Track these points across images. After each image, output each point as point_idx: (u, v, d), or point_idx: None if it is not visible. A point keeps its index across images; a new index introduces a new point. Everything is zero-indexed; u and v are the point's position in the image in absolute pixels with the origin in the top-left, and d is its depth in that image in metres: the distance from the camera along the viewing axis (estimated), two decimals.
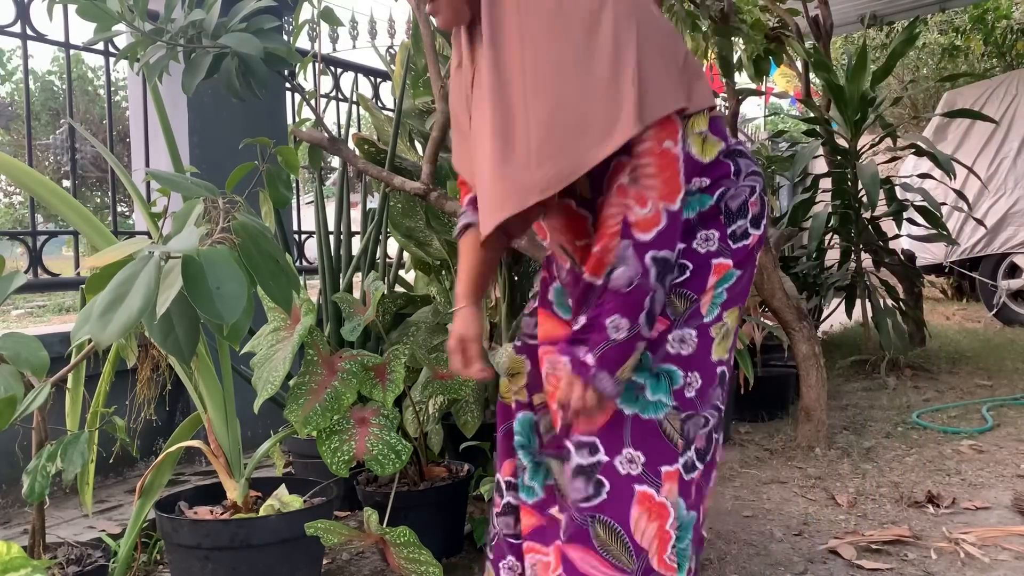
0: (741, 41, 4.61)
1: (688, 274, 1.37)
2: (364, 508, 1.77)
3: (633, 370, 1.31)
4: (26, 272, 2.57)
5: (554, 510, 1.47)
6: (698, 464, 1.34)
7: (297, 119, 2.80)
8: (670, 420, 1.31)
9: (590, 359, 1.27)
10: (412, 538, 1.75)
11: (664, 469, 1.31)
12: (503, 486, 1.56)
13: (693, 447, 1.33)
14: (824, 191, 4.75)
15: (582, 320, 1.31)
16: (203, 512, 1.91)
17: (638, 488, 1.31)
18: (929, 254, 6.91)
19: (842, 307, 4.84)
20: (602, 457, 1.32)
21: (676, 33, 1.38)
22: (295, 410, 1.93)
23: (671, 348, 1.34)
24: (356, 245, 2.64)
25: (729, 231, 1.39)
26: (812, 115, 5.01)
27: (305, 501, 1.94)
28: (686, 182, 1.33)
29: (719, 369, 1.38)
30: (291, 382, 2.06)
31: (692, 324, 1.36)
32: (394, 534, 1.75)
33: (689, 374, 1.34)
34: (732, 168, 1.41)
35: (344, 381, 1.96)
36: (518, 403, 1.54)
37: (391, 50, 4.03)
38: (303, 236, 3.71)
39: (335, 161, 2.96)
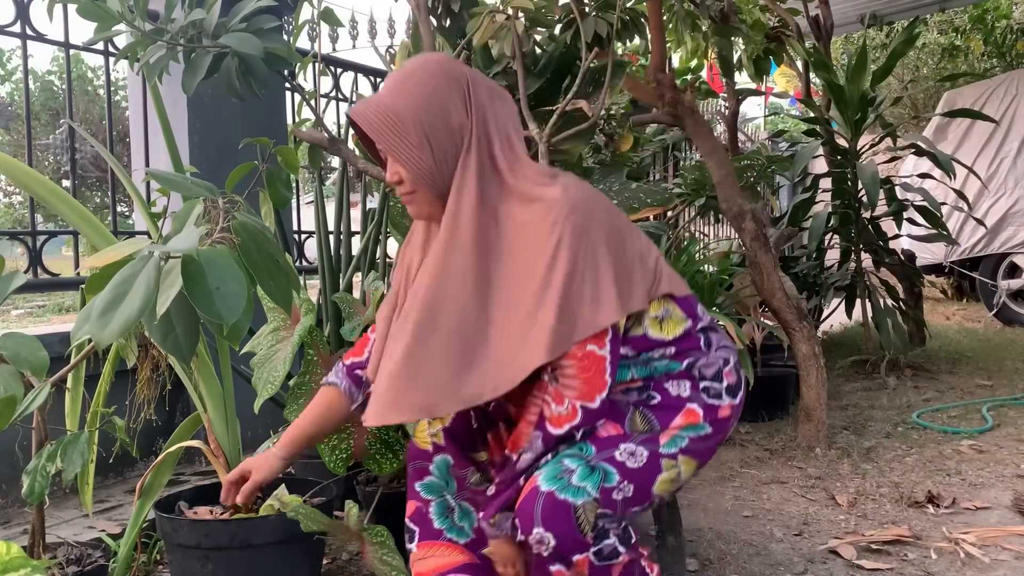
0: (741, 41, 4.61)
1: (656, 402, 1.41)
2: (345, 502, 1.73)
3: (570, 457, 1.33)
4: (26, 272, 2.57)
5: (487, 550, 1.47)
6: (620, 548, 1.31)
7: (297, 119, 2.80)
8: (586, 510, 1.27)
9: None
10: (388, 540, 1.70)
11: (575, 557, 1.27)
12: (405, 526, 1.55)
13: (604, 543, 1.29)
14: (824, 191, 4.74)
15: (492, 489, 1.40)
16: (203, 512, 1.90)
17: (552, 568, 1.29)
18: (929, 254, 6.91)
19: (842, 307, 4.83)
20: (520, 536, 1.31)
21: (635, 233, 1.41)
22: (295, 410, 1.93)
23: (618, 455, 1.34)
24: (356, 245, 2.64)
25: (702, 387, 1.42)
26: (812, 115, 5.01)
27: (305, 501, 1.93)
28: (649, 351, 1.40)
29: (654, 499, 1.37)
30: (291, 382, 2.06)
31: (647, 447, 1.36)
32: (372, 532, 1.71)
33: (625, 483, 1.32)
34: (702, 341, 1.44)
35: None
36: (435, 446, 1.55)
37: (391, 50, 4.02)
38: (303, 236, 3.71)
39: (335, 161, 2.96)
